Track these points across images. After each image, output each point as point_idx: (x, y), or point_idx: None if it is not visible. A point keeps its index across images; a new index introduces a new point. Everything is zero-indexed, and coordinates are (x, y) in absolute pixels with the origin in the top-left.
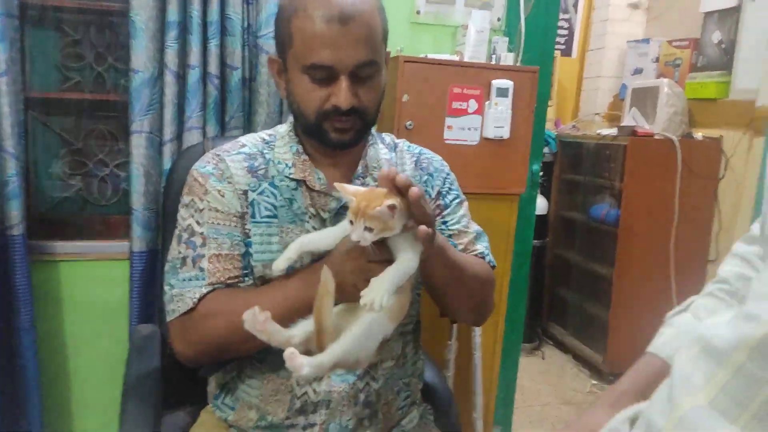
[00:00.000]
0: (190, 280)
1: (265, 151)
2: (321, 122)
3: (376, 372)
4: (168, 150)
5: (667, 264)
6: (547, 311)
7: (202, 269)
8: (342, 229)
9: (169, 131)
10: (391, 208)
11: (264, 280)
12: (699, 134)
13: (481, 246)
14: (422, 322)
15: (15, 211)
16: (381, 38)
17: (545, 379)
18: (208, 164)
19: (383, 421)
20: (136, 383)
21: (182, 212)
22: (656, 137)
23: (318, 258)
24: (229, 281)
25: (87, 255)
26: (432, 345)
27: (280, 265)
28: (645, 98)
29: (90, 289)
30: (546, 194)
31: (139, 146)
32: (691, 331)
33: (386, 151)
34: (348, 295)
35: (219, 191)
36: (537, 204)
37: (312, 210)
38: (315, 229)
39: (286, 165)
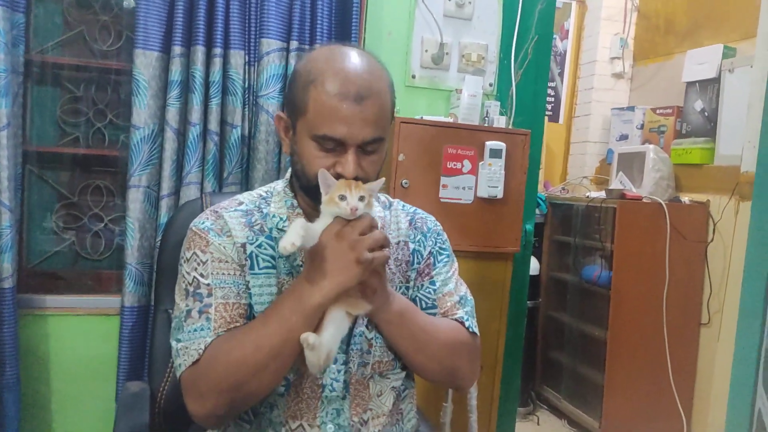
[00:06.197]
0: (195, 331)
1: (261, 206)
2: None
3: (367, 429)
4: (165, 205)
5: (660, 327)
6: (541, 375)
7: (208, 319)
8: (327, 220)
9: (166, 186)
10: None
11: None
12: (686, 198)
13: (463, 311)
14: (417, 383)
15: (7, 264)
16: (390, 115)
17: None
18: (207, 220)
19: None
20: None
21: (185, 267)
22: (644, 200)
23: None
24: (231, 329)
25: (77, 310)
26: (427, 407)
27: (295, 241)
28: (631, 163)
29: (78, 344)
30: (537, 255)
31: (135, 201)
32: None
33: (381, 209)
34: (358, 271)
35: (219, 243)
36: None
37: None
38: None
39: (281, 219)
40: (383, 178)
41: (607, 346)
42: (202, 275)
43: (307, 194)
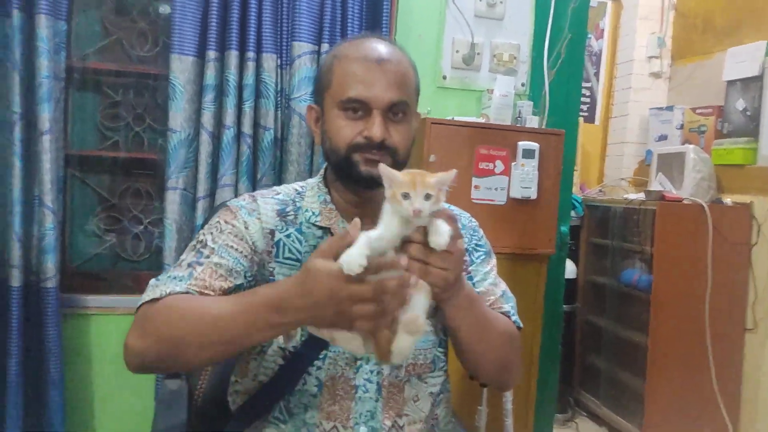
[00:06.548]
0: (174, 278)
1: (296, 200)
2: (351, 155)
3: None
4: (201, 206)
5: (702, 332)
6: (579, 380)
7: (191, 274)
8: (392, 224)
9: (202, 188)
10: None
11: None
12: (728, 200)
13: (508, 305)
14: (451, 385)
15: (50, 264)
16: (413, 88)
17: None
18: (243, 200)
19: None
20: None
21: (204, 229)
22: (685, 202)
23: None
24: (205, 293)
25: (117, 309)
26: (462, 410)
27: (361, 262)
28: (671, 164)
29: (119, 343)
30: (574, 258)
31: (173, 203)
32: None
33: None
34: (329, 321)
35: (245, 222)
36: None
37: None
38: None
39: (313, 213)
40: (454, 170)
41: (647, 351)
42: (212, 239)
43: (337, 173)
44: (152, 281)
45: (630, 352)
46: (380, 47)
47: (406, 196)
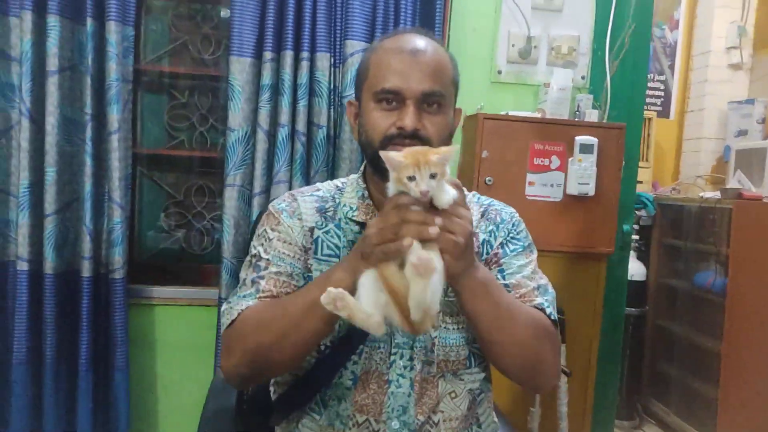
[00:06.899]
0: (244, 297)
1: (336, 196)
2: (385, 147)
3: (438, 430)
4: (257, 202)
5: None
6: (648, 387)
7: (258, 289)
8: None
9: (258, 185)
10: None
11: None
12: None
13: (542, 299)
14: (503, 384)
15: (118, 256)
16: (449, 80)
17: None
18: (283, 201)
19: None
20: (212, 419)
21: (254, 242)
22: (765, 200)
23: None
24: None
25: (180, 300)
26: (513, 411)
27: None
28: (751, 160)
29: (181, 332)
30: (644, 259)
31: (231, 199)
32: None
33: None
34: (361, 263)
35: (289, 226)
36: (634, 269)
37: None
38: None
39: (351, 208)
40: (457, 146)
41: (721, 358)
42: (265, 250)
43: (372, 167)
44: (224, 306)
45: (703, 359)
46: (416, 40)
47: (411, 178)
